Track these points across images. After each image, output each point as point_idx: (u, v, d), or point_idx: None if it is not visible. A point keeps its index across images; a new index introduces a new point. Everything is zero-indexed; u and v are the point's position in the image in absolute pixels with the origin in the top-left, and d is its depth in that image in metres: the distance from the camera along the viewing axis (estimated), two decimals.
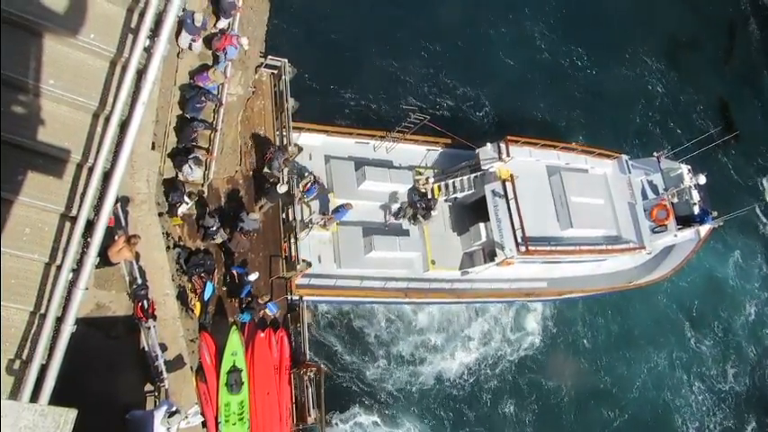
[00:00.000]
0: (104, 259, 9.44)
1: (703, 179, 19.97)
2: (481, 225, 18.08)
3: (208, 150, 14.28)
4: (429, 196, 18.44)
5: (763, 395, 25.91)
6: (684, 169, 20.37)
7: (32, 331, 4.86)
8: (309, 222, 16.29)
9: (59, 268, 4.86)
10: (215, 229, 13.79)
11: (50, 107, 4.81)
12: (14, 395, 4.70)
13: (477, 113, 23.71)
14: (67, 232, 4.91)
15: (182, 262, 13.10)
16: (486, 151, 18.14)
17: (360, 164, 18.22)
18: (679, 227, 19.53)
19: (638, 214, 19.35)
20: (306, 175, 16.54)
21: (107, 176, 4.84)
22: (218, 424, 12.37)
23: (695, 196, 20.09)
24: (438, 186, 18.63)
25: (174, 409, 9.55)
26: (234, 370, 12.71)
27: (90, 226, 4.87)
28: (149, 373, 10.28)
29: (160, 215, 11.91)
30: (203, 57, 14.45)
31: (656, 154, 20.85)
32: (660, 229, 19.55)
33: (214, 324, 13.51)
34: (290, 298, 15.33)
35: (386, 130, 18.85)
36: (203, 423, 11.43)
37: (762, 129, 30.35)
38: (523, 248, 16.88)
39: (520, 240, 16.91)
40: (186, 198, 13.14)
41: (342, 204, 16.58)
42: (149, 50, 4.73)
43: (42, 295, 4.87)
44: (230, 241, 14.18)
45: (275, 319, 14.74)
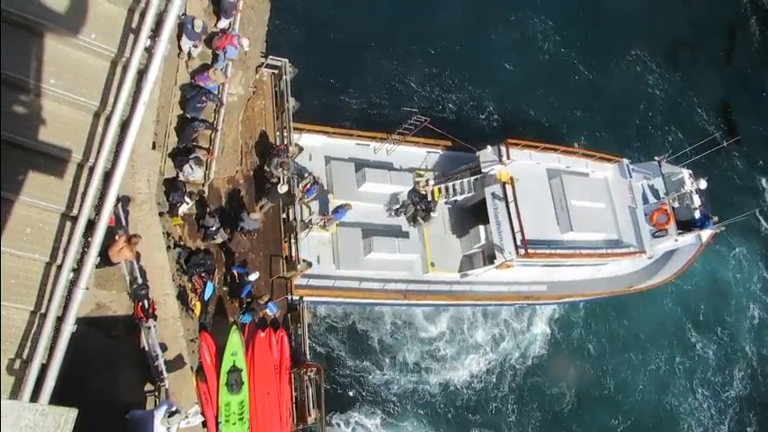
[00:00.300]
0: (105, 259, 9.42)
1: (704, 184, 19.91)
2: (481, 228, 18.05)
3: (208, 150, 14.28)
4: (429, 198, 18.44)
5: (767, 400, 25.84)
6: (685, 174, 20.36)
7: (33, 331, 4.86)
8: (309, 223, 16.28)
9: (60, 268, 4.86)
10: (215, 229, 13.79)
11: (51, 107, 4.80)
12: (15, 395, 4.70)
13: (477, 116, 23.68)
14: (68, 232, 4.91)
15: (182, 262, 13.10)
16: (487, 154, 18.15)
17: (360, 165, 18.23)
18: (680, 231, 19.46)
19: (639, 218, 19.30)
20: (306, 175, 16.54)
21: (108, 176, 4.84)
22: (218, 424, 12.37)
23: (696, 201, 20.02)
24: (438, 188, 18.62)
25: (175, 409, 9.54)
26: (234, 370, 12.71)
27: (91, 226, 4.87)
28: (149, 372, 10.27)
29: (161, 215, 11.89)
30: (204, 56, 14.43)
31: (657, 158, 20.83)
32: (661, 233, 19.50)
33: (214, 324, 13.50)
34: (290, 298, 15.32)
35: (386, 131, 18.85)
36: (203, 423, 11.42)
37: (763, 130, 30.26)
38: (523, 251, 16.86)
39: (519, 243, 16.90)
40: (187, 198, 13.14)
41: (341, 205, 16.58)
42: (150, 50, 4.73)
43: (43, 295, 4.86)
44: (231, 241, 14.18)
45: (275, 319, 14.73)
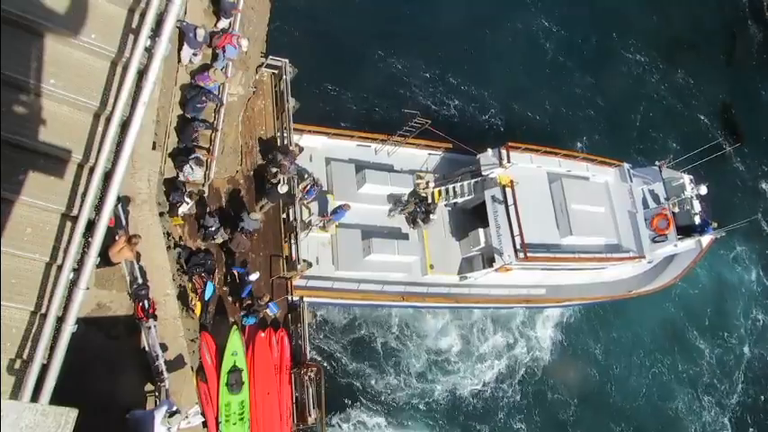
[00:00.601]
0: (105, 259, 9.43)
1: (705, 189, 19.80)
2: (480, 230, 18.03)
3: (208, 150, 14.27)
4: (429, 200, 18.43)
5: None
6: (686, 179, 20.30)
7: (33, 331, 4.87)
8: (309, 224, 16.27)
9: (60, 268, 4.87)
10: (215, 229, 13.78)
11: (51, 107, 4.81)
12: (15, 395, 4.71)
13: (478, 118, 23.65)
14: (68, 232, 4.92)
15: (182, 262, 13.09)
16: (487, 157, 18.10)
17: (360, 167, 18.19)
18: (679, 237, 19.40)
19: (639, 223, 19.24)
20: (306, 177, 16.52)
21: (108, 176, 4.85)
22: (218, 424, 12.36)
23: (696, 206, 19.98)
24: (438, 191, 18.55)
25: (175, 409, 9.57)
26: (234, 370, 12.71)
27: (91, 226, 4.88)
28: (150, 372, 10.28)
29: (161, 215, 11.90)
30: (204, 56, 14.43)
31: (657, 163, 20.76)
32: (660, 238, 19.42)
33: (214, 324, 13.49)
34: (290, 298, 15.31)
35: (387, 132, 18.81)
36: (204, 423, 11.43)
37: (764, 131, 30.22)
38: (522, 255, 16.81)
39: (518, 247, 16.86)
40: (187, 198, 13.13)
41: (340, 205, 16.56)
42: (150, 50, 4.74)
43: (43, 295, 4.88)
44: (231, 241, 14.17)
45: (276, 319, 14.74)
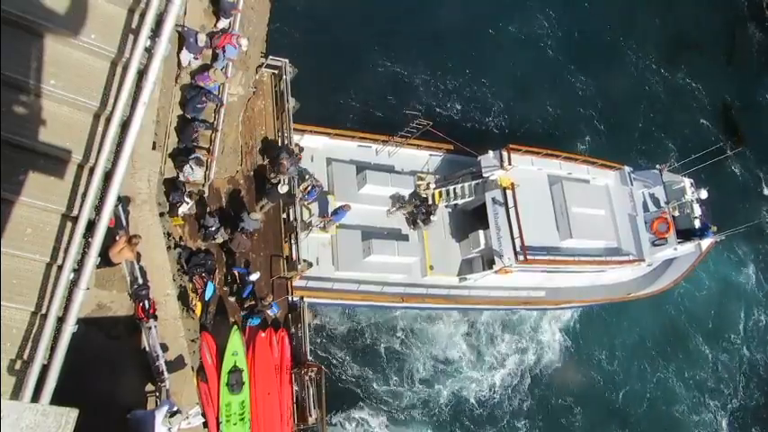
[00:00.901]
0: (105, 259, 9.42)
1: (705, 194, 19.85)
2: (480, 232, 18.04)
3: (208, 150, 14.27)
4: (430, 202, 18.43)
5: None
6: (687, 183, 20.31)
7: (34, 331, 4.87)
8: (309, 224, 16.27)
9: (61, 268, 4.87)
10: (215, 229, 13.78)
11: (51, 107, 4.81)
12: (16, 395, 4.71)
13: (479, 119, 23.64)
14: (69, 232, 4.92)
15: (183, 262, 13.08)
16: (488, 159, 18.09)
17: (361, 167, 18.20)
18: (679, 240, 19.42)
19: (639, 226, 19.27)
20: (307, 177, 16.52)
21: (108, 176, 4.85)
22: (219, 424, 12.36)
23: (697, 210, 19.97)
24: (439, 192, 18.57)
25: (176, 409, 9.57)
26: (235, 370, 12.71)
27: (91, 226, 4.88)
28: (150, 373, 10.27)
29: (161, 215, 11.90)
30: (204, 56, 14.42)
31: (658, 166, 20.82)
32: (660, 241, 19.43)
33: (215, 324, 13.49)
34: (290, 298, 15.31)
35: (387, 133, 18.80)
36: (204, 423, 11.42)
37: (765, 132, 30.21)
38: (522, 257, 16.83)
39: (518, 249, 16.87)
40: (187, 198, 13.13)
41: (340, 206, 16.57)
42: (150, 51, 4.74)
43: (43, 295, 4.88)
44: (231, 241, 14.18)
45: (276, 318, 14.74)
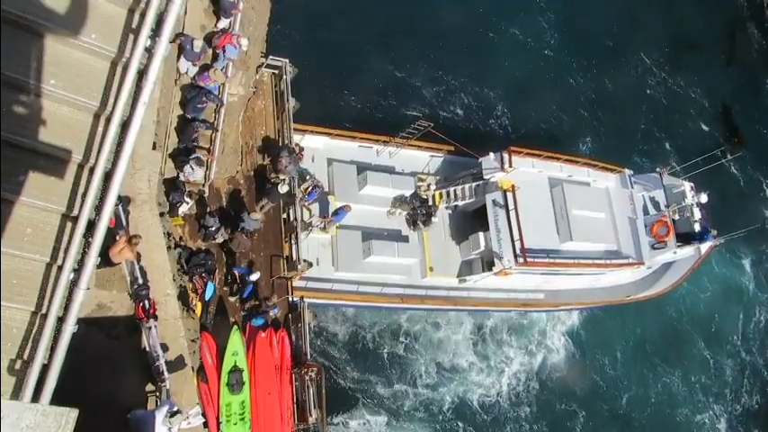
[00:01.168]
0: (105, 259, 9.43)
1: (705, 198, 19.87)
2: (480, 234, 18.05)
3: (209, 150, 14.27)
4: (430, 203, 18.42)
5: None
6: (687, 186, 20.34)
7: (34, 331, 4.87)
8: (309, 225, 16.27)
9: (61, 268, 4.87)
10: (215, 229, 13.79)
11: (51, 107, 4.81)
12: (16, 395, 4.71)
13: (480, 121, 23.63)
14: (69, 232, 4.92)
15: (183, 262, 13.08)
16: (489, 161, 18.10)
17: (362, 168, 18.20)
18: (679, 244, 19.44)
19: (639, 230, 19.28)
20: (307, 178, 16.51)
21: (108, 176, 4.85)
22: (219, 424, 12.36)
23: (697, 214, 19.99)
24: (439, 193, 18.59)
25: (176, 410, 9.56)
26: (235, 370, 12.70)
27: (91, 226, 4.88)
28: (150, 373, 10.27)
29: (161, 215, 11.89)
30: (203, 57, 14.40)
31: (658, 170, 20.86)
32: (660, 245, 19.48)
33: (215, 324, 13.50)
34: (290, 298, 15.31)
35: (388, 133, 18.80)
36: (204, 423, 11.42)
37: (766, 133, 30.22)
38: (521, 260, 16.85)
39: (518, 251, 16.89)
40: (187, 198, 13.13)
41: (341, 206, 16.57)
42: (150, 50, 4.73)
43: (44, 295, 4.87)
44: (231, 241, 14.18)
45: (276, 318, 14.73)
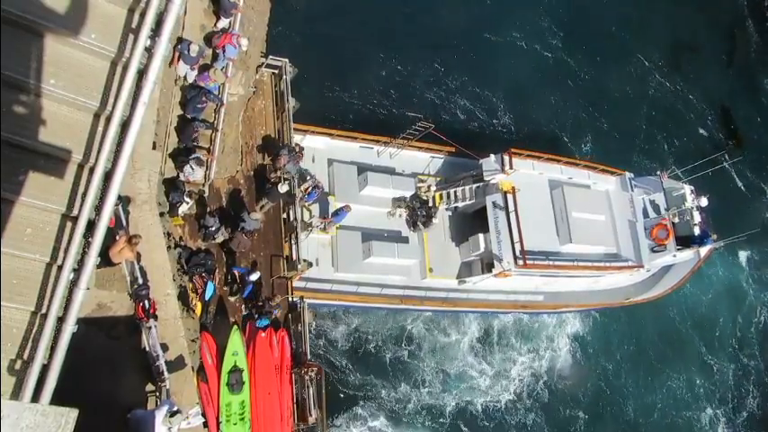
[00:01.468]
0: (105, 259, 9.44)
1: (705, 201, 19.90)
2: (480, 236, 18.05)
3: (209, 150, 14.27)
4: (430, 204, 18.41)
5: None
6: (687, 190, 20.36)
7: (34, 331, 4.87)
8: (309, 225, 16.26)
9: (61, 268, 4.87)
10: (215, 229, 13.78)
11: (51, 107, 4.80)
12: (16, 395, 4.71)
13: (481, 122, 23.61)
14: (69, 232, 4.92)
15: (183, 262, 13.08)
16: (490, 162, 18.11)
17: (363, 169, 18.20)
18: (678, 247, 19.44)
19: (638, 232, 19.32)
20: (308, 178, 16.51)
21: (108, 176, 4.84)
22: (219, 424, 12.36)
23: (696, 217, 20.02)
24: (440, 194, 18.58)
25: (176, 409, 9.56)
26: (235, 370, 12.69)
27: (91, 226, 4.88)
28: (150, 372, 10.28)
29: (161, 215, 11.90)
30: (203, 57, 14.41)
31: (659, 173, 20.87)
32: (659, 248, 19.48)
33: (215, 324, 13.49)
34: (291, 298, 15.31)
35: (388, 134, 18.79)
36: (204, 423, 11.42)
37: (766, 134, 30.19)
38: (521, 261, 16.86)
39: (518, 253, 16.90)
40: (187, 198, 13.13)
41: (341, 207, 16.57)
42: (150, 50, 4.73)
43: (44, 295, 4.87)
44: (231, 241, 14.17)
45: (276, 318, 14.72)
